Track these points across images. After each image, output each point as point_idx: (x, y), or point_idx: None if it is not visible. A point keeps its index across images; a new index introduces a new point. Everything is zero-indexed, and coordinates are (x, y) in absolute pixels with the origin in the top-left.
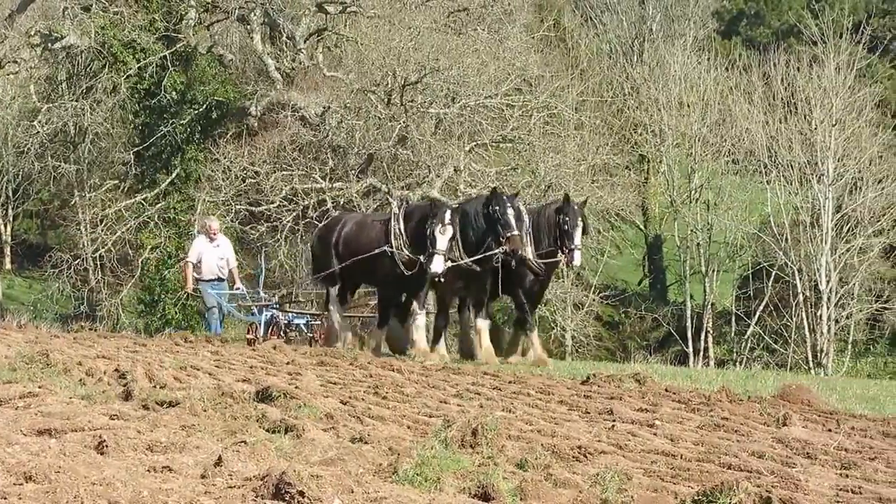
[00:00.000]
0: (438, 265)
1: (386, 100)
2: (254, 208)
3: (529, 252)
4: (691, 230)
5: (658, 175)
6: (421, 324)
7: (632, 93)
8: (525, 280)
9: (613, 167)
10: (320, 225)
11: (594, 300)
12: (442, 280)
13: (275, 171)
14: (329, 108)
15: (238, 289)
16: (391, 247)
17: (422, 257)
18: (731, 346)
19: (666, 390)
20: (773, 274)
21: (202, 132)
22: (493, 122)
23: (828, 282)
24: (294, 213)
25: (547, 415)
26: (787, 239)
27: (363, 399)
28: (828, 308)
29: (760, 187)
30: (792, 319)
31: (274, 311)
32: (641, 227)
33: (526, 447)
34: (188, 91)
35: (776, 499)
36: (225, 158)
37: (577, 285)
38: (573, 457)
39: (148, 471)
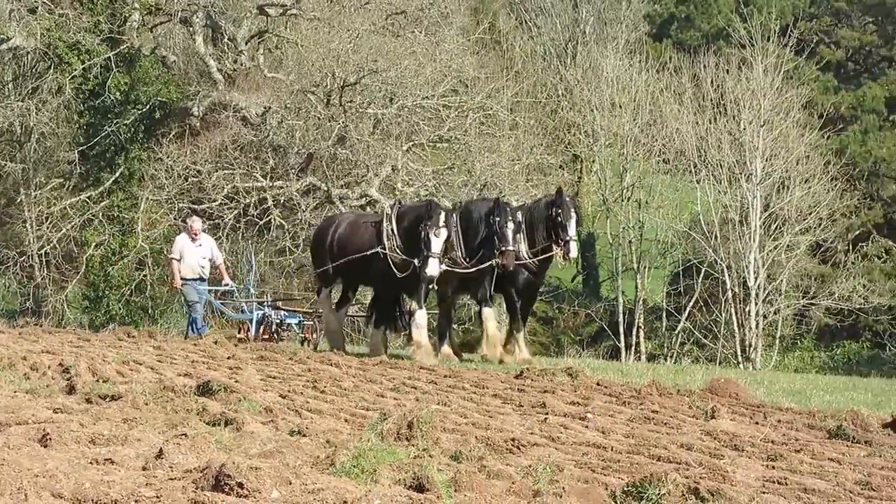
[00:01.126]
0: (433, 269)
1: (325, 100)
2: (196, 206)
3: (524, 251)
4: (623, 228)
5: (591, 174)
6: (422, 322)
7: (565, 94)
8: (518, 279)
9: (547, 167)
10: (316, 226)
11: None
12: (434, 286)
13: (216, 170)
14: (270, 108)
15: (227, 285)
16: (384, 248)
17: (416, 260)
18: (661, 341)
19: (598, 384)
20: (703, 271)
21: (145, 132)
22: (430, 123)
23: (756, 278)
24: (235, 211)
25: (481, 408)
26: (716, 237)
27: (302, 393)
28: (756, 304)
29: (690, 186)
30: (721, 315)
31: (265, 310)
32: None
33: (460, 440)
34: (132, 91)
35: (704, 490)
36: (168, 157)
37: None
38: (506, 449)
39: (90, 463)
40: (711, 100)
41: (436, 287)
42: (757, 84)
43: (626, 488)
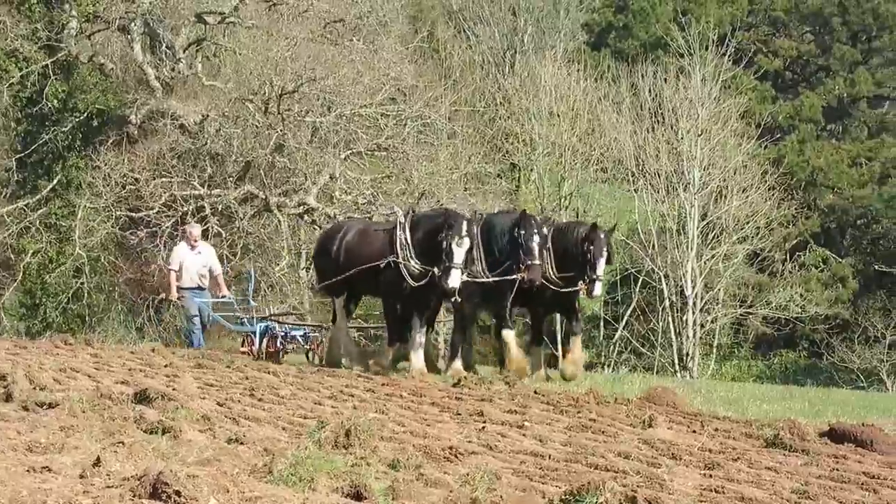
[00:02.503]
0: (455, 280)
1: (263, 108)
2: (133, 214)
3: (550, 271)
4: None
5: (529, 183)
6: (419, 341)
7: (504, 103)
8: (545, 294)
9: (485, 175)
10: (320, 233)
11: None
12: (457, 299)
13: (154, 178)
14: (207, 116)
15: (225, 297)
16: (396, 257)
17: (435, 269)
18: (599, 350)
19: (535, 392)
20: (641, 280)
21: (83, 139)
22: (368, 131)
23: (693, 287)
24: (173, 219)
25: (419, 416)
26: (654, 245)
27: (239, 401)
28: (693, 313)
29: (628, 195)
30: (659, 324)
31: (269, 322)
32: None
33: (398, 448)
34: (69, 99)
35: (641, 498)
36: (105, 165)
37: None
38: (444, 457)
39: (27, 471)
40: (649, 109)
41: (456, 300)
42: (695, 93)
43: (563, 497)
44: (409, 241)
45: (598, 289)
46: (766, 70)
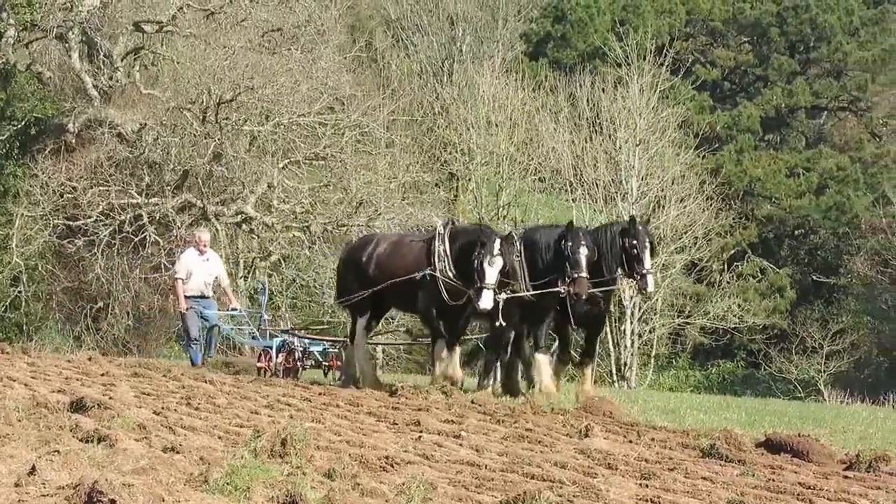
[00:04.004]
0: (487, 301)
1: (201, 117)
2: (71, 223)
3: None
4: None
5: (467, 192)
6: (446, 355)
7: (441, 112)
8: (576, 309)
9: (423, 185)
10: (347, 245)
11: (404, 314)
12: (502, 323)
13: (92, 187)
14: (145, 124)
15: (234, 309)
16: (434, 270)
17: (471, 291)
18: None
19: (472, 402)
20: None
21: (21, 148)
22: (307, 140)
23: (631, 297)
24: (111, 228)
25: (355, 426)
26: None
27: (176, 410)
28: (631, 323)
29: (566, 205)
30: None
31: (286, 336)
32: None
33: (334, 457)
34: (7, 108)
35: None
36: (43, 174)
37: None
38: (380, 467)
39: None
40: (587, 119)
41: (499, 323)
42: (633, 103)
43: None
44: (448, 252)
45: (651, 283)
46: (705, 80)
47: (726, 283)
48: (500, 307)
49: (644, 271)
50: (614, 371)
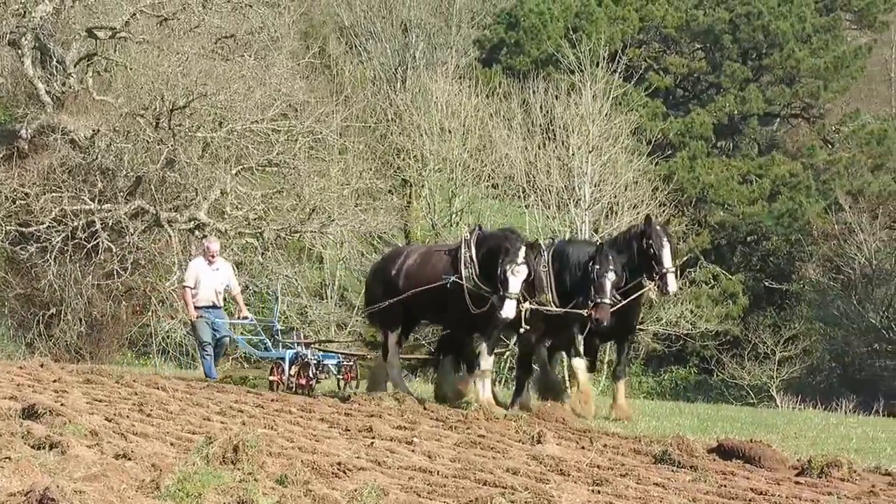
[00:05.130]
0: (510, 310)
1: (154, 123)
2: (24, 229)
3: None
4: None
5: (420, 199)
6: (488, 368)
7: (395, 119)
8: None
9: (377, 191)
10: (377, 259)
11: (357, 321)
12: (526, 327)
13: (44, 193)
14: (98, 131)
15: (246, 318)
16: (460, 277)
17: (494, 298)
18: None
19: (425, 408)
20: None
21: None
22: (260, 147)
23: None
24: (63, 234)
25: (308, 432)
26: None
27: (128, 416)
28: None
29: (519, 211)
30: None
31: (299, 348)
32: None
33: (286, 463)
34: None
35: None
36: None
37: (340, 306)
38: (332, 473)
39: None
40: (540, 125)
41: (523, 328)
42: (586, 110)
43: None
44: (474, 258)
45: (673, 282)
46: (657, 87)
47: (679, 290)
48: (525, 316)
49: (664, 270)
50: (567, 378)
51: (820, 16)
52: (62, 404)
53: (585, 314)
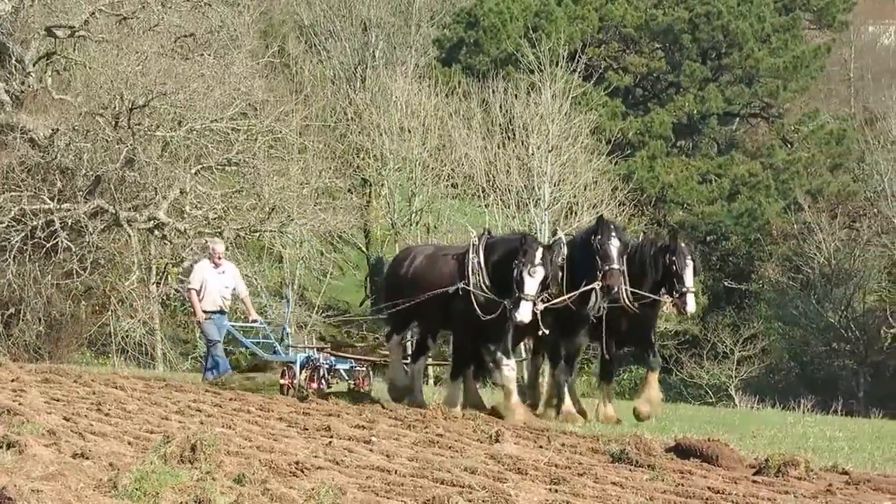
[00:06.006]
0: (525, 313)
1: (113, 122)
2: None
3: (624, 291)
4: None
5: (380, 198)
6: (511, 375)
7: (354, 118)
8: (620, 324)
9: (336, 190)
10: (390, 259)
11: (318, 320)
12: (545, 331)
13: (3, 192)
14: (57, 130)
15: (255, 321)
16: (467, 284)
17: (507, 301)
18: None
19: (383, 407)
20: None
21: None
22: (219, 146)
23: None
24: (23, 234)
25: (266, 431)
26: None
27: (86, 416)
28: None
29: (479, 211)
30: None
31: (310, 352)
32: (363, 248)
33: (244, 462)
34: None
35: None
36: None
37: (300, 305)
38: (290, 472)
39: None
40: (500, 125)
41: (544, 331)
42: (545, 109)
43: None
44: (482, 265)
45: (692, 303)
46: (617, 86)
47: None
48: (539, 317)
49: (685, 290)
50: (525, 377)
51: (779, 15)
52: (20, 404)
53: (598, 286)
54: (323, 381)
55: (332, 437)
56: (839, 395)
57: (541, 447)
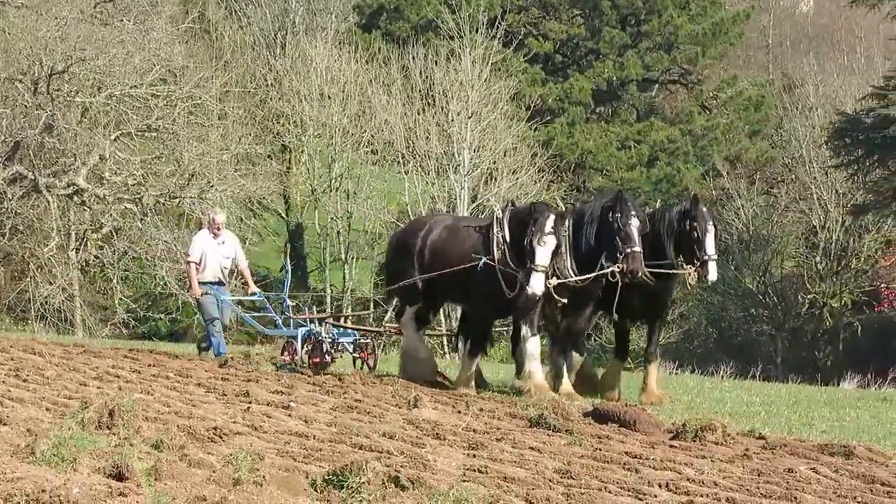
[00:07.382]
0: (538, 284)
1: (33, 88)
2: None
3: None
4: (332, 218)
5: (300, 164)
6: (535, 351)
7: (274, 84)
8: (633, 302)
9: (256, 156)
10: (397, 230)
11: (237, 286)
12: (563, 301)
13: None
14: None
15: (254, 294)
16: (492, 259)
17: (521, 274)
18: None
19: (301, 373)
20: None
21: None
22: (139, 112)
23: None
24: None
25: (185, 397)
26: None
27: (3, 381)
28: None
29: (399, 177)
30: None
31: (311, 325)
32: (283, 215)
33: (162, 428)
34: None
35: (404, 478)
36: None
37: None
38: (208, 438)
39: None
40: (420, 91)
41: (561, 301)
42: (465, 76)
43: (326, 476)
44: (507, 239)
45: (714, 271)
46: (537, 53)
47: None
48: (553, 289)
49: (706, 257)
50: (446, 343)
51: None
52: None
53: (617, 269)
54: (327, 355)
55: (250, 402)
56: (758, 360)
57: (459, 412)
